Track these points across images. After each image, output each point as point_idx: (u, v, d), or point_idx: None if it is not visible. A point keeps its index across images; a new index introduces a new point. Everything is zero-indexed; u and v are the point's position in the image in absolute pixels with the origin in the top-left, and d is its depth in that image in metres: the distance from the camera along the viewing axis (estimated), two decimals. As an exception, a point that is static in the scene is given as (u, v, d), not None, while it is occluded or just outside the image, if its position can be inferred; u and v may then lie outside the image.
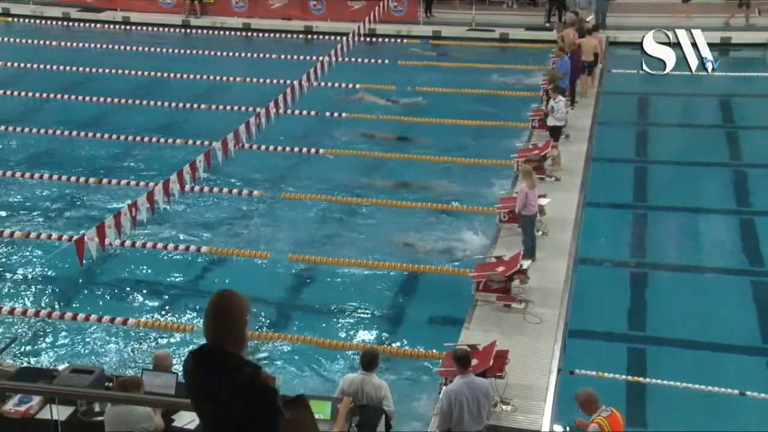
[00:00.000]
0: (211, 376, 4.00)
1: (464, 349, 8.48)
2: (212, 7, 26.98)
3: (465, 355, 8.23)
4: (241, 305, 4.05)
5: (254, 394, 3.93)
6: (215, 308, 4.05)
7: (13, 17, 26.65)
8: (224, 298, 4.08)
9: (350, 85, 20.88)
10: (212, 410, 4.08)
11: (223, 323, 4.04)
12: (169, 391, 7.92)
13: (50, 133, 17.67)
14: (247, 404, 3.92)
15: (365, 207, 14.95)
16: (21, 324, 11.26)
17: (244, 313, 4.05)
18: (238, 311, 4.04)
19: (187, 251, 13.26)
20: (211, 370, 4.01)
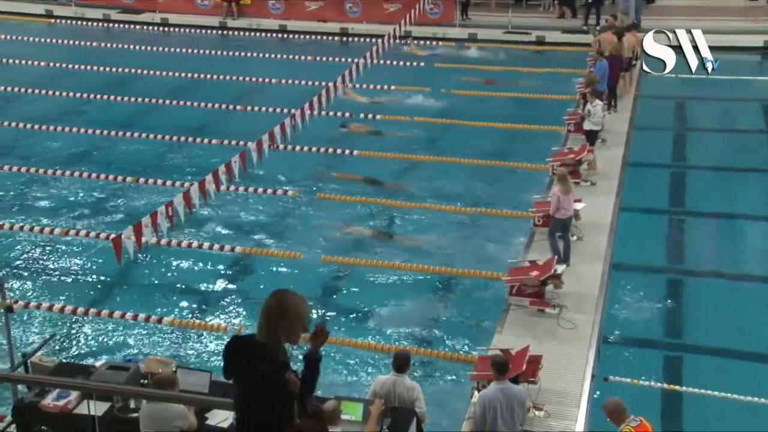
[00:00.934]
0: (240, 361, 4.10)
1: (503, 357, 8.42)
2: (249, 8, 27.18)
3: (504, 362, 8.18)
4: (291, 309, 4.10)
5: (270, 389, 3.99)
6: (266, 302, 4.17)
7: (55, 18, 27.11)
8: (276, 296, 4.15)
9: (385, 87, 20.90)
10: (237, 392, 4.20)
11: (267, 318, 4.11)
12: (202, 390, 7.99)
13: (90, 132, 17.94)
14: (262, 396, 3.98)
15: (400, 209, 14.94)
16: (59, 320, 11.42)
17: (290, 314, 4.08)
18: (284, 311, 4.09)
19: (221, 251, 13.37)
20: (242, 356, 4.09)
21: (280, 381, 4.00)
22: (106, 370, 8.23)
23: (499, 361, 8.17)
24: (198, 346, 11.11)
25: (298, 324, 4.11)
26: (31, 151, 17.06)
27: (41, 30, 26.00)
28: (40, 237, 13.75)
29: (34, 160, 16.46)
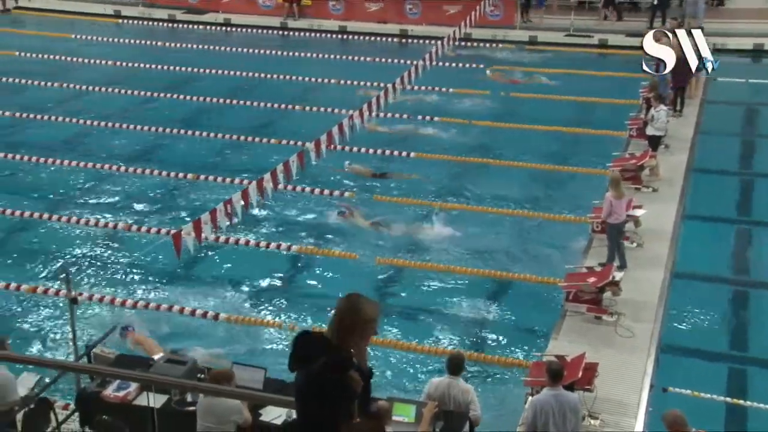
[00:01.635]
0: (304, 355, 4.15)
1: (559, 364, 8.30)
2: (310, 9, 27.44)
3: (559, 370, 8.07)
4: (364, 313, 4.15)
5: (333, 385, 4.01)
6: (338, 305, 4.22)
7: (123, 18, 27.78)
8: (348, 300, 4.23)
9: (443, 89, 20.87)
10: (299, 385, 4.22)
11: (339, 321, 4.17)
12: (257, 386, 8.08)
13: (153, 130, 18.32)
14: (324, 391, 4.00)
15: (456, 212, 14.88)
16: (121, 313, 11.68)
17: (361, 318, 4.12)
18: (356, 315, 4.15)
19: (278, 249, 13.50)
20: (308, 349, 4.14)
21: (344, 378, 4.02)
22: (164, 363, 8.38)
23: (554, 368, 8.06)
24: (252, 343, 11.23)
25: (369, 328, 4.16)
26: (97, 148, 17.49)
27: (110, 30, 26.68)
28: (104, 231, 14.09)
29: (100, 157, 16.86)
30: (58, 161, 16.54)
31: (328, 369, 4.01)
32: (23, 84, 21.23)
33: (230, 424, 7.39)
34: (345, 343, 4.13)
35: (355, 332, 4.14)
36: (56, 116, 18.97)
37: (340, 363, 4.04)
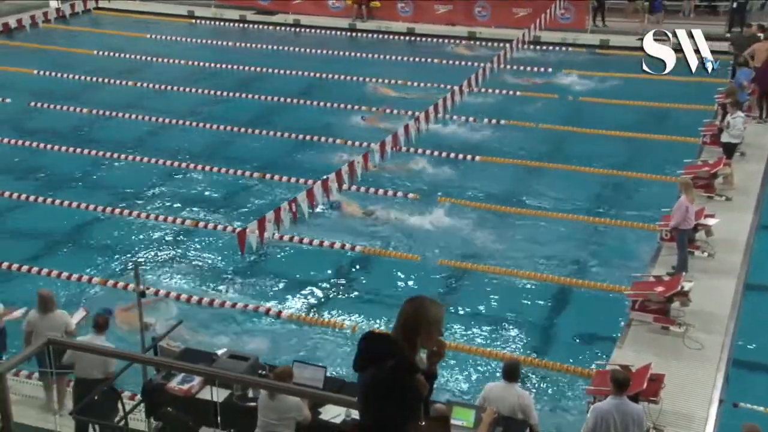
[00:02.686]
0: (370, 357, 4.13)
1: (624, 373, 8.12)
2: (378, 11, 27.55)
3: (625, 379, 7.90)
4: (428, 313, 4.14)
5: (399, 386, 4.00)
6: (403, 307, 4.21)
7: (196, 19, 28.38)
8: (415, 301, 4.21)
9: (510, 92, 20.70)
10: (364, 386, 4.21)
11: (403, 322, 4.17)
12: (317, 384, 8.13)
13: (222, 128, 18.64)
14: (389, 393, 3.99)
15: (521, 216, 14.73)
16: (186, 307, 11.91)
17: (427, 320, 4.11)
18: (422, 316, 4.14)
19: (342, 249, 13.57)
20: (373, 350, 4.13)
21: (411, 380, 4.01)
22: (227, 358, 8.51)
23: (620, 377, 7.89)
24: (313, 341, 11.31)
25: (434, 330, 4.15)
26: (168, 145, 17.88)
27: (183, 30, 27.28)
28: (172, 227, 14.39)
29: (171, 154, 17.23)
30: (131, 158, 16.97)
31: (395, 371, 4.00)
32: (100, 82, 21.88)
33: (290, 421, 7.46)
34: (410, 344, 4.12)
35: (420, 334, 4.13)
36: (130, 114, 19.47)
37: (407, 365, 4.03)
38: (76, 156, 17.19)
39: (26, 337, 9.15)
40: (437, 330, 4.18)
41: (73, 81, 21.93)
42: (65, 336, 8.89)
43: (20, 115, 19.71)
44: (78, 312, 9.83)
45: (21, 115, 19.67)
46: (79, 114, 19.62)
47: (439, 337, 4.22)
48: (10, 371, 5.51)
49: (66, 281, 12.48)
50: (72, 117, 19.48)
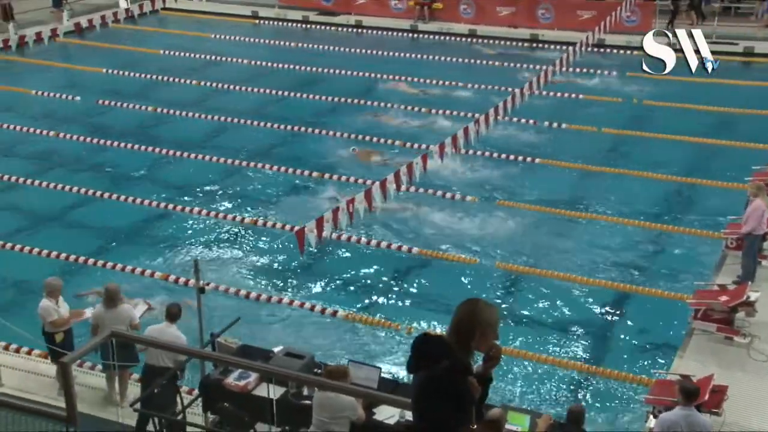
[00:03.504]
0: (424, 358, 4.13)
1: (695, 385, 7.93)
2: (440, 12, 27.48)
3: (695, 389, 7.71)
4: (482, 316, 4.12)
5: (451, 389, 3.98)
6: (457, 310, 4.20)
7: (260, 19, 28.75)
8: (470, 303, 4.20)
9: (572, 95, 20.44)
10: (417, 387, 4.21)
11: (458, 324, 4.15)
12: (371, 385, 8.15)
13: (283, 128, 18.83)
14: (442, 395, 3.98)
15: (581, 221, 14.53)
16: (244, 304, 12.07)
17: (482, 323, 4.09)
18: (476, 319, 4.13)
19: (399, 250, 13.58)
20: (427, 351, 4.12)
21: (464, 383, 4.00)
22: (283, 356, 8.60)
23: (689, 387, 7.71)
24: (368, 341, 11.35)
25: (489, 333, 4.13)
26: (228, 143, 18.14)
27: (247, 30, 27.67)
28: (232, 224, 14.61)
29: (232, 152, 17.49)
30: (193, 155, 17.29)
31: (448, 373, 3.99)
32: (165, 81, 22.34)
33: (344, 420, 7.50)
34: (464, 346, 4.10)
35: (475, 336, 4.11)
36: (193, 112, 19.83)
37: (460, 368, 4.02)
38: (140, 153, 17.58)
39: (92, 331, 9.39)
40: (492, 333, 4.15)
41: (140, 80, 22.46)
42: (129, 330, 9.10)
43: (89, 112, 20.26)
44: (140, 305, 10.07)
45: (90, 113, 20.22)
46: (145, 112, 20.06)
47: (494, 341, 4.19)
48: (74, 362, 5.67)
49: (130, 275, 12.78)
50: (138, 115, 19.94)
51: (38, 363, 10.10)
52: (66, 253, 13.29)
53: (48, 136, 18.51)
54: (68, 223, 15.02)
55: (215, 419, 8.58)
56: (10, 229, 14.27)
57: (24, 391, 9.31)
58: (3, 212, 15.27)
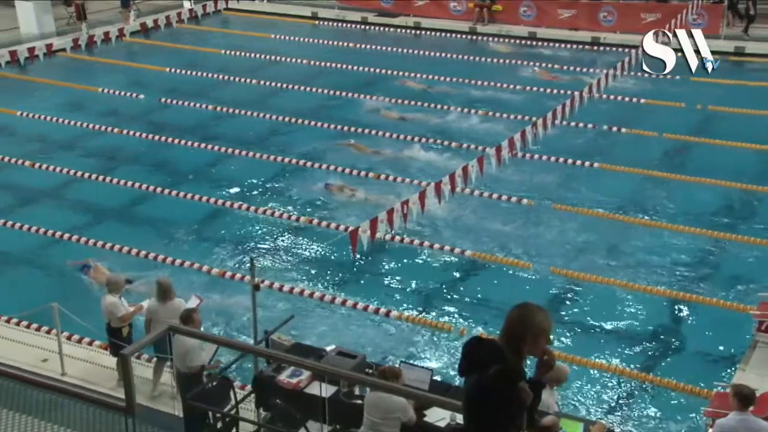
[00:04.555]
0: (476, 361, 4.12)
1: (750, 389, 7.72)
2: (500, 15, 27.30)
3: (750, 393, 7.51)
4: (533, 320, 4.08)
5: (503, 394, 3.94)
6: (511, 313, 4.17)
7: (319, 20, 28.98)
8: (521, 308, 4.17)
9: (633, 99, 20.09)
10: (468, 392, 4.20)
11: (509, 329, 4.12)
12: (423, 386, 8.12)
13: (338, 128, 18.90)
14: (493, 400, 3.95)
15: (639, 227, 14.26)
16: (297, 302, 12.17)
17: (533, 328, 4.06)
18: (527, 323, 4.09)
19: (451, 252, 13.53)
20: (478, 356, 4.11)
21: (514, 388, 3.96)
22: (335, 355, 8.64)
23: (746, 392, 7.50)
24: (421, 343, 11.33)
25: (541, 337, 4.09)
26: (285, 143, 18.31)
27: (306, 30, 27.92)
28: (287, 223, 14.75)
29: (288, 151, 17.65)
30: (251, 154, 17.50)
31: (498, 378, 3.96)
32: (225, 80, 22.69)
33: (395, 421, 7.49)
34: (515, 351, 4.06)
35: (527, 342, 4.07)
36: (252, 111, 20.09)
37: (511, 373, 3.98)
38: (200, 151, 17.88)
39: (146, 324, 9.59)
40: (545, 338, 4.10)
41: (201, 78, 22.85)
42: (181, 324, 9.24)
43: (152, 110, 20.70)
44: (192, 300, 10.23)
45: (152, 111, 20.66)
46: (205, 110, 20.40)
47: (547, 346, 4.14)
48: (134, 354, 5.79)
49: (187, 269, 13.01)
50: (198, 113, 20.29)
51: (100, 354, 10.36)
52: (128, 247, 13.59)
53: (112, 132, 18.97)
54: (129, 219, 15.36)
55: (267, 416, 8.67)
56: (76, 223, 14.66)
57: (86, 381, 9.55)
58: (67, 206, 15.72)
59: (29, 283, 12.74)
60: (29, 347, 10.42)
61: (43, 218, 14.67)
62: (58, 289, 12.35)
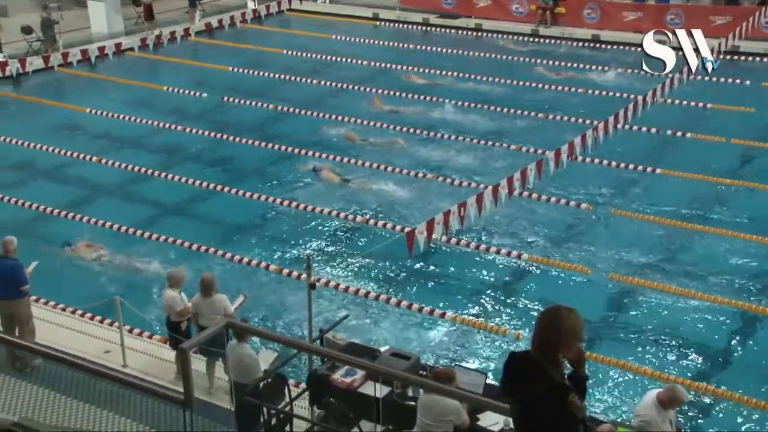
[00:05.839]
0: (518, 380, 4.06)
1: None
2: (563, 17, 26.98)
3: None
4: (565, 324, 4.01)
5: (551, 411, 3.89)
6: (540, 318, 4.09)
7: (380, 21, 29.07)
8: (551, 312, 4.08)
9: (699, 104, 19.63)
10: (515, 412, 4.16)
11: (541, 335, 4.05)
12: (477, 390, 8.09)
13: (399, 129, 18.89)
14: (542, 418, 3.90)
15: (704, 234, 13.94)
16: (352, 301, 12.24)
17: (565, 332, 4.00)
18: (559, 328, 4.01)
19: (508, 256, 13.44)
20: (520, 375, 4.05)
21: (562, 404, 3.91)
22: (389, 356, 8.66)
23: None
24: (475, 346, 11.29)
25: (573, 340, 4.03)
26: (345, 143, 18.35)
27: (367, 31, 28.03)
28: (343, 223, 14.81)
29: (346, 151, 17.69)
30: (310, 153, 17.63)
31: (546, 398, 3.90)
32: (287, 80, 22.93)
33: (447, 424, 7.48)
34: (553, 360, 3.99)
35: (560, 346, 3.99)
36: (312, 111, 20.24)
37: (559, 390, 3.91)
38: (260, 149, 18.11)
39: (193, 318, 9.81)
40: (578, 338, 4.02)
41: (263, 78, 23.15)
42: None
43: (214, 108, 21.06)
44: (238, 297, 10.40)
45: (214, 109, 21.02)
46: (266, 109, 20.65)
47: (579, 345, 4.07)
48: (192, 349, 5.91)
49: (245, 266, 13.20)
50: (259, 112, 20.56)
51: (160, 348, 10.61)
52: (189, 242, 13.86)
53: (175, 130, 19.37)
54: (190, 214, 15.67)
55: (321, 414, 8.74)
56: (138, 219, 15.02)
57: (146, 373, 9.79)
58: (131, 202, 16.11)
59: (93, 275, 13.10)
60: (93, 338, 10.73)
61: (107, 213, 15.07)
62: (122, 281, 12.69)
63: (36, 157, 17.92)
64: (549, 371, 3.97)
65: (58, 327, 10.91)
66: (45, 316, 11.08)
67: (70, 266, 13.34)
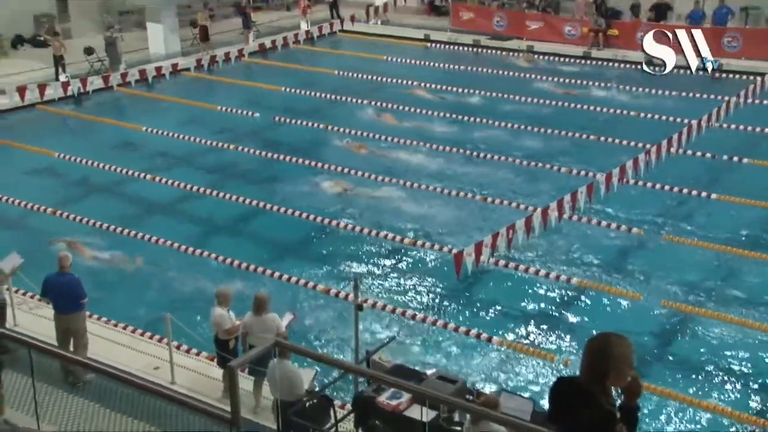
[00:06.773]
0: (565, 406, 4.00)
1: None
2: (616, 39, 26.73)
3: None
4: (614, 351, 3.95)
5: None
6: (589, 344, 4.04)
7: (432, 42, 29.18)
8: (600, 339, 4.03)
9: (756, 129, 19.22)
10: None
11: (590, 362, 4.00)
12: (524, 416, 7.98)
13: (451, 150, 18.86)
14: None
15: (758, 262, 13.59)
16: (399, 323, 12.21)
17: (615, 359, 3.94)
18: (609, 356, 3.95)
19: (557, 280, 13.28)
20: (567, 401, 3.99)
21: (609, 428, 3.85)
22: (436, 379, 8.61)
23: None
24: (522, 371, 11.15)
25: (623, 367, 3.96)
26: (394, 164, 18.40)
27: (418, 53, 28.16)
28: (391, 244, 14.79)
29: (398, 173, 17.72)
30: (359, 173, 17.69)
31: (593, 426, 3.85)
32: (338, 100, 23.13)
33: (492, 450, 7.40)
34: (601, 387, 3.93)
35: (610, 374, 3.93)
36: (363, 132, 20.33)
37: (605, 419, 3.85)
38: (309, 169, 18.25)
39: (242, 338, 9.84)
40: (628, 367, 3.95)
41: (315, 98, 23.39)
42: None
43: (266, 128, 21.34)
44: (286, 315, 10.42)
45: (267, 128, 21.30)
46: (317, 129, 20.84)
47: (631, 372, 4.00)
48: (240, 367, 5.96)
49: (294, 285, 13.27)
50: (310, 132, 20.75)
51: (209, 366, 10.71)
52: (238, 260, 14.00)
53: (227, 149, 19.67)
54: (240, 232, 15.86)
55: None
56: (189, 235, 15.24)
57: (193, 390, 9.89)
58: (183, 219, 16.37)
59: (144, 292, 13.32)
60: (143, 355, 10.90)
61: (159, 230, 15.33)
62: (171, 298, 12.87)
63: (94, 174, 18.37)
64: (596, 398, 3.91)
65: (109, 342, 11.10)
66: (97, 330, 11.29)
67: (120, 280, 13.60)
